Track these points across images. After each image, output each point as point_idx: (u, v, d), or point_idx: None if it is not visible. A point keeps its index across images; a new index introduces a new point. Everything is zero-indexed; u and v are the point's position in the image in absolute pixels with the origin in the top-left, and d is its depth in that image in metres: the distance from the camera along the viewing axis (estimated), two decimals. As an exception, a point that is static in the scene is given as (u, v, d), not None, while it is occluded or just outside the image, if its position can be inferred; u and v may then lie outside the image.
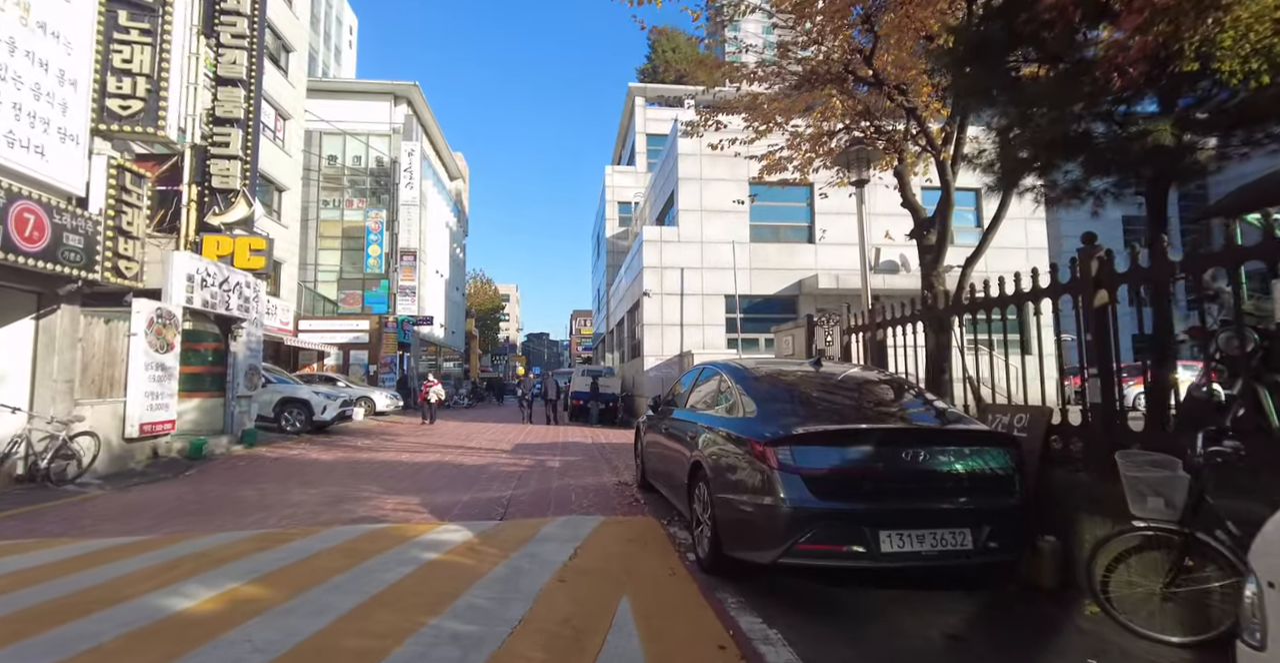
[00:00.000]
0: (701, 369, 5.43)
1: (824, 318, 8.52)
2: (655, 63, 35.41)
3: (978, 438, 3.64)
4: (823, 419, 3.73)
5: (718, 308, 18.00)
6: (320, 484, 7.56)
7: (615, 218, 31.90)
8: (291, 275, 24.26)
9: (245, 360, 11.97)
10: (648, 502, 6.21)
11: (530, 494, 6.74)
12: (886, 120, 8.97)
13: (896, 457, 3.40)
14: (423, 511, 5.90)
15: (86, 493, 7.11)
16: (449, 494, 6.78)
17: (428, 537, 4.73)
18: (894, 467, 3.39)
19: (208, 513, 5.93)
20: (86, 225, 7.42)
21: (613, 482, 7.54)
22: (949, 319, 6.57)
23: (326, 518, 5.60)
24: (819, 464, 3.37)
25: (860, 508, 3.27)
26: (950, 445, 3.50)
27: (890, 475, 3.38)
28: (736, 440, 3.85)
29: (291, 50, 24.42)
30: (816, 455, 3.40)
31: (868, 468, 3.38)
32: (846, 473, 3.37)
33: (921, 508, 3.32)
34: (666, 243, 18.15)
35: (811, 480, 3.32)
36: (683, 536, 4.90)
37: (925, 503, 3.34)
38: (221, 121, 12.42)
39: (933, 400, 4.16)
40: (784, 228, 18.74)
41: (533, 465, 9.22)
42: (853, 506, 3.28)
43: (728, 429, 4.05)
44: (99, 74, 7.83)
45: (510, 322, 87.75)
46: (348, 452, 11.03)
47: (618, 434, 14.94)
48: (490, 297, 64.33)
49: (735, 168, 18.17)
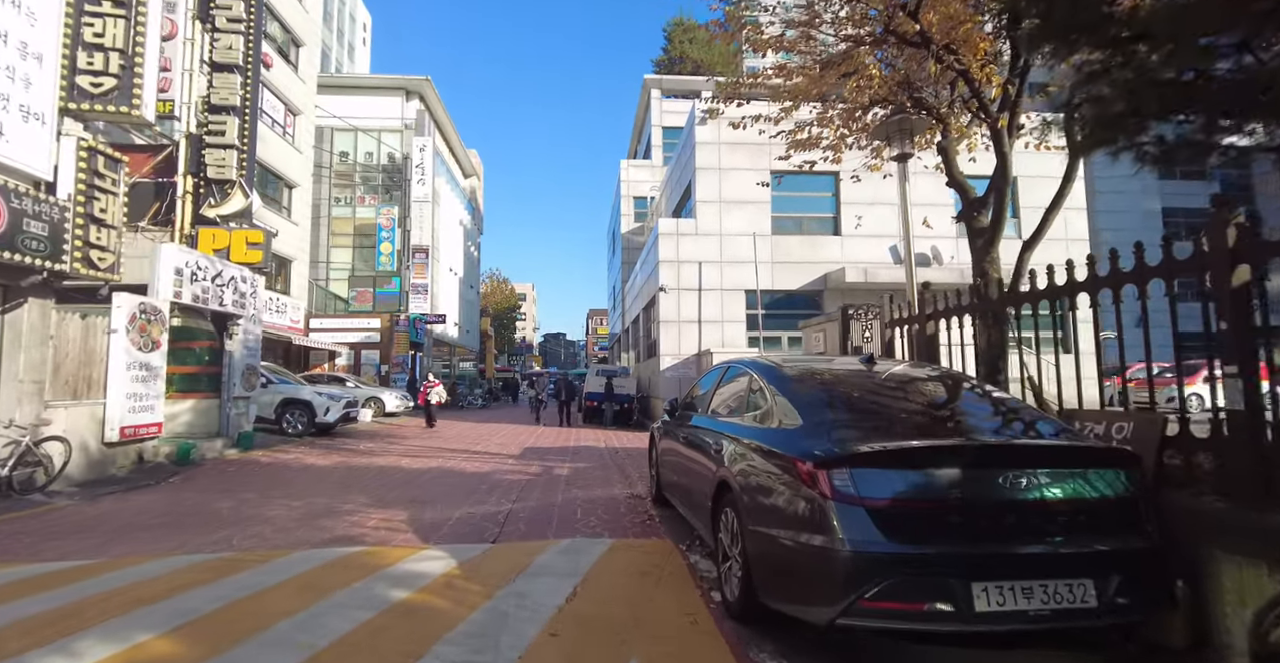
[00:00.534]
0: (726, 368, 4.64)
1: (860, 311, 7.66)
2: (671, 54, 34.57)
3: (1092, 456, 2.79)
4: (888, 432, 2.91)
5: (738, 304, 17.14)
6: (305, 494, 6.89)
7: (631, 214, 31.13)
8: (302, 274, 23.85)
9: (242, 359, 11.41)
10: (663, 519, 5.43)
11: (531, 509, 6.00)
12: (929, 91, 8.10)
13: (990, 482, 2.58)
14: (406, 529, 5.17)
15: (52, 503, 6.52)
16: (441, 508, 6.06)
17: (403, 566, 3.99)
18: (988, 496, 2.57)
19: (169, 529, 5.27)
20: (52, 212, 6.82)
21: (624, 494, 6.76)
22: (1006, 311, 5.73)
23: (297, 537, 4.90)
24: (888, 492, 2.56)
25: (946, 552, 2.46)
26: (1059, 466, 2.66)
27: (983, 507, 2.56)
28: (774, 457, 3.06)
29: (301, 45, 24.00)
30: (885, 481, 2.59)
31: (954, 498, 2.56)
32: (926, 504, 2.56)
33: (1027, 552, 2.49)
34: (684, 236, 17.32)
35: (879, 514, 2.52)
36: (705, 566, 4.12)
37: (1032, 545, 2.51)
38: (217, 110, 11.89)
39: (1020, 407, 3.32)
40: (808, 219, 17.81)
41: (539, 473, 8.48)
42: (936, 549, 2.47)
43: (762, 442, 3.25)
44: (68, 49, 7.24)
45: (526, 321, 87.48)
46: (346, 456, 10.40)
47: (632, 437, 14.17)
48: (506, 296, 64.00)
49: (756, 157, 17.34)
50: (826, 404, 3.23)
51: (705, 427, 4.27)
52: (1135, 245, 3.67)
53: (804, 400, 3.25)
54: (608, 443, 12.87)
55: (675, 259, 17.20)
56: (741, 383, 4.15)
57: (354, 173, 29.35)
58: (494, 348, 53.10)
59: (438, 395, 15.76)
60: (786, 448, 2.98)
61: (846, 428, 2.97)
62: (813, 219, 17.81)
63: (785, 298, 17.41)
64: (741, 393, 4.05)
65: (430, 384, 15.85)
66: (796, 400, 3.26)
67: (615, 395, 17.90)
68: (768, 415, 3.46)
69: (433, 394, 15.70)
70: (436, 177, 30.99)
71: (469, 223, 41.55)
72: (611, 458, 10.26)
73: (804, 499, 2.72)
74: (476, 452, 11.10)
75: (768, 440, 3.23)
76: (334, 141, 28.81)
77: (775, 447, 3.09)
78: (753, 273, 16.83)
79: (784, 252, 17.28)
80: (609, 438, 14.03)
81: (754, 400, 3.74)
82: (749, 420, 3.64)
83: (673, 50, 34.62)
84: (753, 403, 3.74)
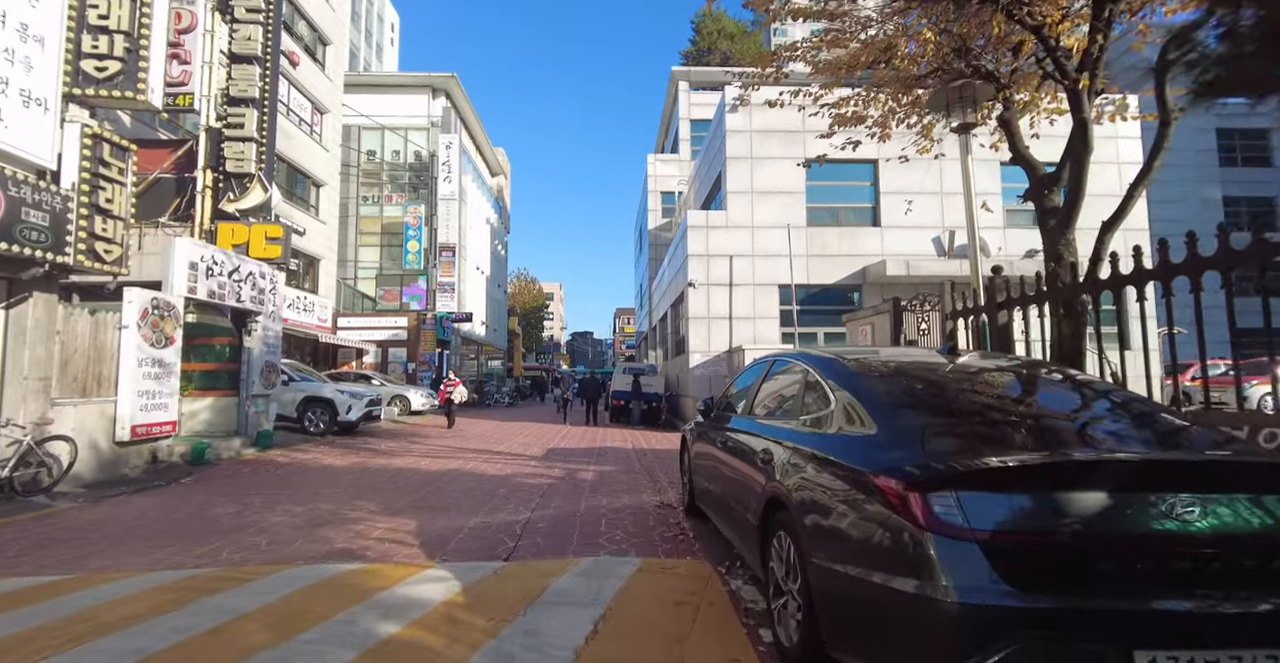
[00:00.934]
0: (771, 363, 4.00)
1: (915, 302, 6.93)
2: (700, 46, 33.80)
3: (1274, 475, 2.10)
4: (999, 443, 2.25)
5: (770, 299, 16.38)
6: (313, 499, 6.47)
7: (658, 209, 30.51)
8: (330, 272, 23.84)
9: (261, 357, 11.14)
10: (698, 534, 4.82)
11: (551, 519, 5.44)
12: (987, 58, 7.31)
13: (1154, 512, 1.92)
14: (412, 542, 4.67)
15: (53, 506, 6.21)
16: (454, 517, 5.55)
17: (399, 590, 3.46)
18: (1150, 530, 1.90)
19: (162, 538, 4.86)
20: (53, 201, 6.52)
21: (653, 502, 6.17)
22: (1085, 299, 4.99)
23: (291, 551, 4.43)
24: (1010, 524, 1.92)
25: (1094, 608, 1.80)
26: (1248, 490, 1.98)
27: (1145, 546, 1.89)
28: (842, 472, 2.43)
29: (328, 43, 23.98)
30: (1004, 508, 1.94)
31: (1103, 532, 1.91)
32: (1063, 541, 1.91)
33: (1211, 609, 1.81)
34: (713, 228, 16.63)
35: (998, 554, 1.87)
36: (749, 593, 3.51)
37: (1216, 599, 1.83)
38: (236, 102, 11.65)
39: (1159, 411, 2.62)
40: (845, 209, 16.95)
41: (562, 478, 7.95)
42: (1080, 603, 1.81)
43: (824, 452, 2.62)
44: (73, 33, 6.94)
45: (554, 320, 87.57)
46: (364, 457, 10.03)
47: (660, 438, 13.58)
48: (534, 295, 64.01)
49: (790, 144, 16.57)
50: (909, 405, 2.58)
51: (747, 431, 3.65)
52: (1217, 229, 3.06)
53: (879, 401, 2.61)
54: (635, 444, 12.30)
55: (705, 253, 16.53)
56: (791, 380, 3.52)
57: (381, 171, 29.35)
58: (522, 347, 53.07)
59: (459, 395, 15.20)
60: (859, 461, 2.35)
61: (940, 436, 2.32)
62: (850, 209, 16.95)
63: (821, 292, 16.61)
64: (792, 391, 3.42)
65: (451, 383, 15.25)
66: (869, 401, 2.62)
67: (643, 394, 17.31)
68: (828, 419, 2.82)
69: (454, 394, 15.12)
70: (463, 174, 30.84)
71: (496, 221, 41.44)
72: (639, 461, 9.68)
73: (888, 530, 2.09)
74: (498, 453, 10.63)
75: (832, 450, 2.59)
76: (361, 140, 28.85)
77: (843, 459, 2.46)
78: (786, 266, 16.07)
79: (820, 244, 16.47)
80: (636, 439, 13.46)
81: (809, 400, 3.11)
82: (804, 425, 3.01)
83: (701, 42, 33.85)
84: (808, 403, 3.10)
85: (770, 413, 3.63)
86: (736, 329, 16.26)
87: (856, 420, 2.61)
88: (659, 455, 10.33)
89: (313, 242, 22.12)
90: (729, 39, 32.23)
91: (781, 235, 16.27)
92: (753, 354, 14.70)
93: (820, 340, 16.18)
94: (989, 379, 2.88)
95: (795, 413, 3.19)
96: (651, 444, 12.33)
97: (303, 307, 21.02)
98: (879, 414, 2.52)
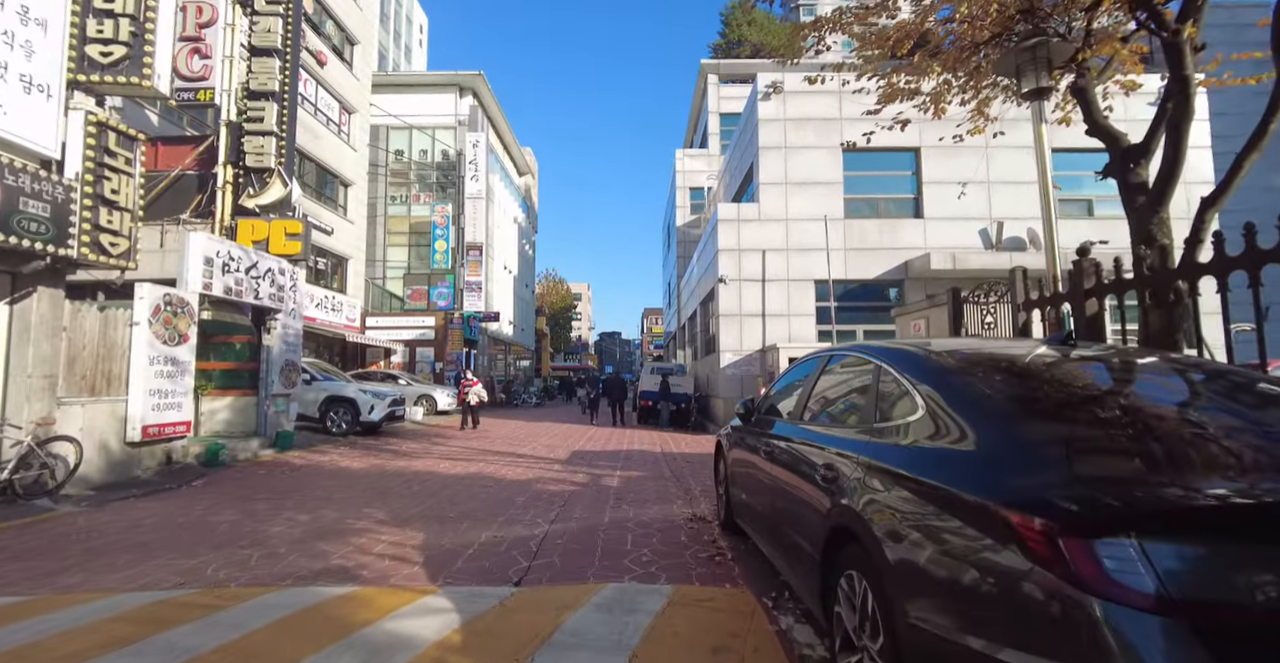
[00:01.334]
0: (827, 358, 3.37)
1: (978, 292, 6.20)
2: (729, 38, 33.03)
3: None
4: (1187, 466, 1.61)
5: (806, 295, 15.62)
6: (321, 506, 6.05)
7: (686, 206, 29.85)
8: (358, 272, 23.83)
9: (281, 356, 10.88)
10: (737, 555, 4.21)
11: (571, 533, 4.90)
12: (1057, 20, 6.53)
13: None
14: (416, 560, 4.16)
15: (54, 511, 5.91)
16: (466, 529, 5.05)
17: (386, 625, 2.95)
18: None
19: (149, 550, 4.46)
20: (55, 191, 6.23)
21: (685, 515, 5.57)
22: (1183, 286, 4.25)
23: (281, 569, 3.96)
24: (1228, 591, 1.28)
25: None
26: None
27: None
28: (947, 499, 1.80)
29: (356, 43, 23.99)
30: (1212, 565, 1.31)
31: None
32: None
33: None
34: (745, 221, 15.93)
35: (1212, 636, 1.24)
36: (803, 635, 2.89)
37: None
38: (256, 95, 11.43)
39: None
40: (885, 200, 16.08)
41: (585, 484, 7.41)
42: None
43: (917, 473, 1.99)
44: (77, 17, 6.67)
45: (582, 321, 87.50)
46: (383, 459, 9.65)
47: (691, 441, 12.96)
48: (562, 296, 63.92)
49: (826, 132, 15.79)
50: (1036, 411, 1.94)
51: (802, 439, 3.03)
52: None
53: (994, 405, 1.97)
54: (664, 447, 11.71)
55: (736, 247, 15.84)
56: (856, 378, 2.90)
57: (409, 171, 29.34)
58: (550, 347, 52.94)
59: (476, 396, 14.51)
60: (973, 485, 1.72)
61: (1089, 454, 1.68)
62: (890, 200, 16.07)
63: (859, 288, 15.78)
64: (858, 392, 2.80)
65: (468, 383, 14.57)
66: (979, 405, 1.99)
67: (671, 395, 16.70)
68: (914, 428, 2.19)
69: (471, 395, 14.46)
70: (490, 173, 30.67)
71: (523, 221, 41.29)
72: (668, 466, 9.09)
73: (1026, 588, 1.46)
74: (520, 456, 10.16)
75: (926, 470, 1.97)
76: (389, 140, 28.86)
77: (948, 482, 1.83)
78: (823, 261, 15.28)
79: (858, 236, 15.64)
80: (665, 442, 12.87)
81: (884, 404, 2.48)
82: (880, 434, 2.38)
83: (730, 34, 33.07)
84: (883, 408, 2.48)
85: (829, 418, 3.01)
86: (770, 327, 15.53)
87: (958, 431, 1.98)
88: (690, 461, 9.72)
89: (341, 241, 22.10)
90: (759, 30, 31.40)
91: (817, 228, 15.49)
92: (788, 353, 13.97)
93: (859, 338, 15.35)
94: (1133, 377, 2.22)
95: (867, 419, 2.56)
96: (681, 447, 11.73)
97: (331, 306, 20.98)
98: (994, 423, 1.89)
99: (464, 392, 14.54)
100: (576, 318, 77.16)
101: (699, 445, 12.03)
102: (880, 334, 15.28)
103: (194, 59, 11.73)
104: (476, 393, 14.39)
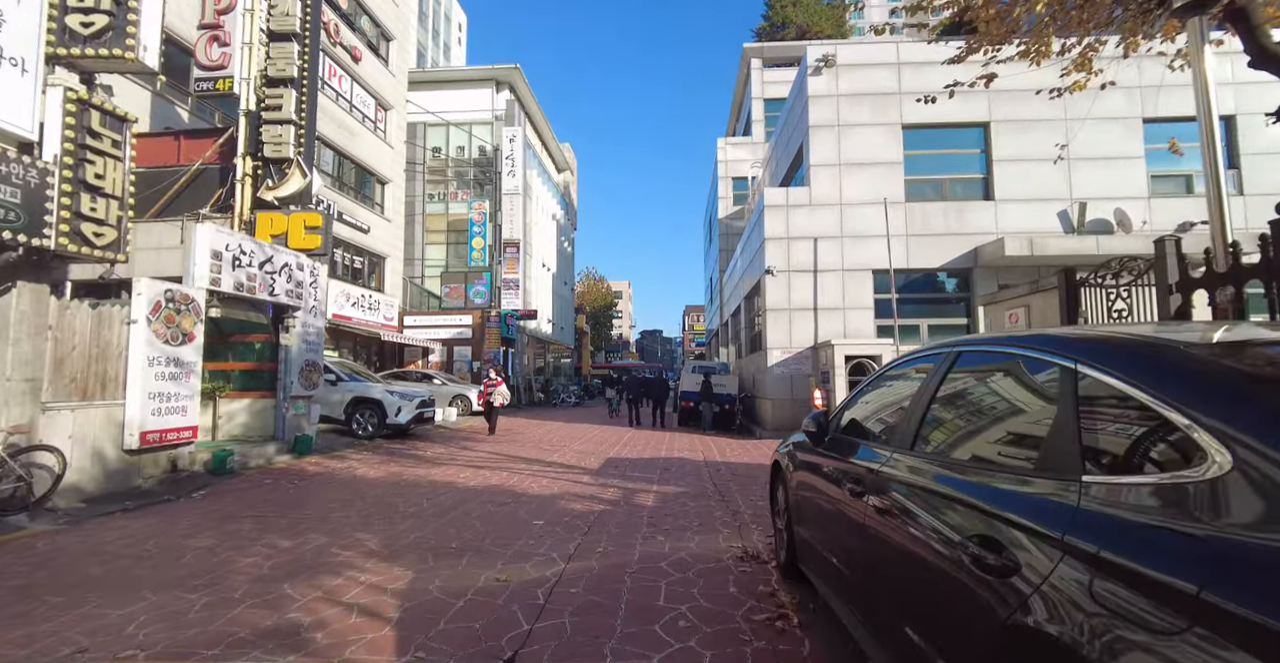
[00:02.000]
0: (956, 355, 2.26)
1: (1103, 274, 4.92)
2: (773, 20, 31.53)
3: None
4: None
5: (863, 287, 14.26)
6: (313, 527, 5.27)
7: (729, 196, 28.59)
8: (396, 270, 23.54)
9: (300, 355, 10.31)
10: (805, 619, 3.15)
11: (592, 578, 3.92)
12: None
13: None
14: (389, 614, 3.26)
15: (28, 529, 5.31)
16: (464, 565, 4.15)
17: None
18: None
19: (84, 589, 3.71)
20: (27, 174, 5.63)
21: (734, 552, 4.52)
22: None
23: (219, 626, 3.12)
24: None
25: None
26: None
27: None
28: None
29: (391, 38, 23.67)
30: None
31: None
32: None
33: None
34: (794, 207, 14.68)
35: None
36: None
37: None
38: (274, 82, 10.88)
39: None
40: (950, 181, 14.56)
41: (615, 502, 6.44)
42: None
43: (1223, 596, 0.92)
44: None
45: (623, 319, 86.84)
46: (403, 466, 8.92)
47: (736, 448, 11.85)
48: (603, 294, 63.34)
49: (883, 108, 14.40)
50: None
51: (920, 482, 1.96)
52: None
53: None
54: (706, 455, 10.65)
55: (784, 235, 14.61)
56: (1026, 391, 1.82)
57: (446, 168, 29.04)
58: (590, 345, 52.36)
59: (500, 397, 13.50)
60: None
61: None
62: (957, 181, 14.55)
63: (923, 278, 14.33)
64: (1038, 415, 1.72)
65: (492, 383, 13.53)
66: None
67: (714, 396, 15.57)
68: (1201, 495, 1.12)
69: (494, 396, 13.46)
70: (528, 169, 30.09)
71: (562, 218, 40.71)
72: (712, 478, 8.04)
73: None
74: (549, 464, 9.27)
75: (1249, 592, 0.90)
76: (427, 137, 28.62)
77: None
78: (882, 249, 13.91)
79: (921, 221, 14.18)
80: (708, 448, 11.80)
81: (1105, 439, 1.40)
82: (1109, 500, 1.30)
83: (774, 16, 31.56)
84: (1105, 447, 1.39)
85: (969, 452, 1.93)
86: (823, 322, 14.25)
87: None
88: (735, 472, 8.65)
89: (378, 239, 21.81)
90: (804, 11, 29.82)
91: (875, 213, 14.12)
92: (844, 350, 12.70)
93: (924, 333, 13.91)
94: None
95: (1063, 463, 1.47)
96: (725, 455, 10.65)
97: (368, 305, 20.69)
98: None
99: (486, 392, 13.57)
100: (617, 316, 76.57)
101: (745, 453, 10.93)
102: (949, 329, 13.82)
103: (213, 47, 11.31)
104: (500, 394, 13.46)
